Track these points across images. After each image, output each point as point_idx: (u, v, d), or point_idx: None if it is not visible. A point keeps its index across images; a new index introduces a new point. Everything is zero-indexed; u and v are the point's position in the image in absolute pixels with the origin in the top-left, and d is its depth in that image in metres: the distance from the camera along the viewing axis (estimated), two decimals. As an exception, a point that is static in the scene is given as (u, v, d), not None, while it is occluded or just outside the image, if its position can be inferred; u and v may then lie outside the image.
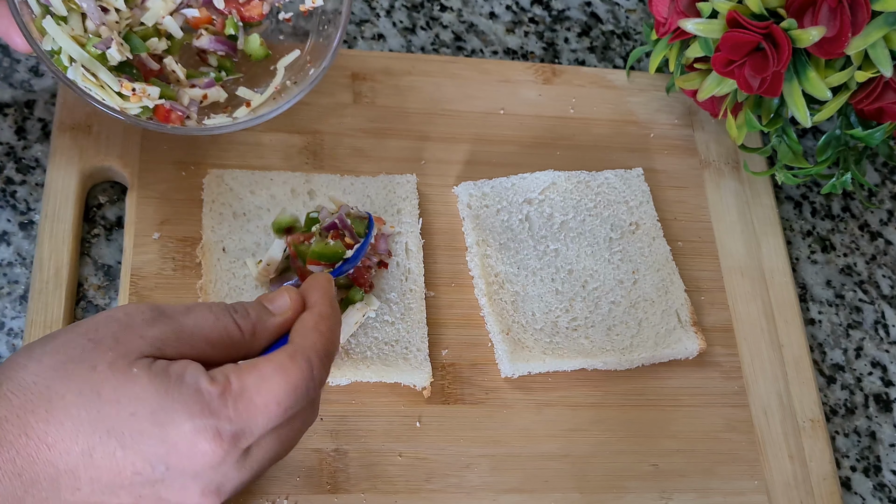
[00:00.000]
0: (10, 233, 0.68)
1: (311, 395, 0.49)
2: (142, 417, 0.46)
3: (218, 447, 0.46)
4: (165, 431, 0.46)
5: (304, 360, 0.49)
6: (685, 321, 0.71)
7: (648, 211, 0.75)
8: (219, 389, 0.46)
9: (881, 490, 0.73)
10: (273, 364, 0.48)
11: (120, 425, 0.45)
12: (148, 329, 0.48)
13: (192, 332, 0.49)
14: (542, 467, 0.66)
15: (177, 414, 0.46)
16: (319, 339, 0.50)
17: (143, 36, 0.66)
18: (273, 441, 0.49)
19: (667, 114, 0.83)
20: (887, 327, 0.80)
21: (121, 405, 0.46)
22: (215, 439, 0.46)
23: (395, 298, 0.68)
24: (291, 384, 0.48)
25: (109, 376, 0.46)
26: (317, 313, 0.52)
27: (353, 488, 0.62)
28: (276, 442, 0.50)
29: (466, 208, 0.73)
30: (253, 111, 0.68)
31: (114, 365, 0.46)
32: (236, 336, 0.50)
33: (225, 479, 0.48)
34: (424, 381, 0.65)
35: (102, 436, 0.45)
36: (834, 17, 0.65)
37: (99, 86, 0.63)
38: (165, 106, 0.65)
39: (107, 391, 0.46)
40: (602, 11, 0.90)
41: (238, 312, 0.51)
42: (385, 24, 0.84)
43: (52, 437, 0.45)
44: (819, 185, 0.85)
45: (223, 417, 0.46)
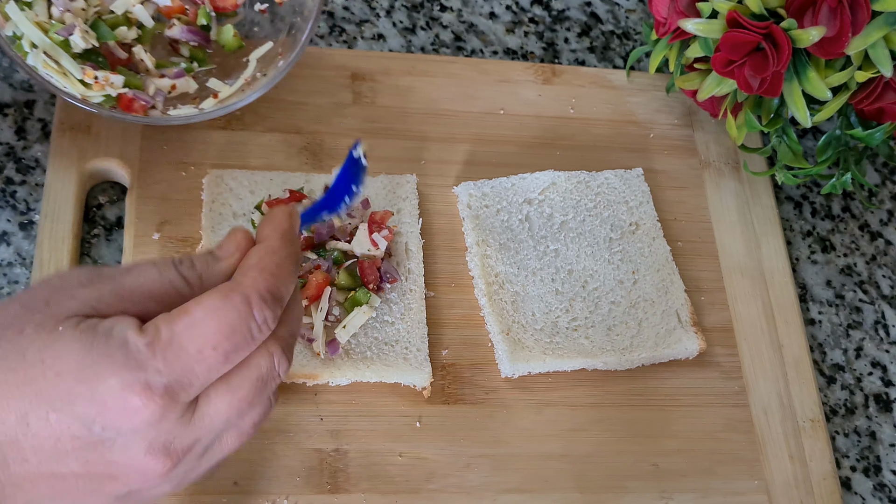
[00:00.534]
0: (10, 233, 0.68)
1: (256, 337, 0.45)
2: (68, 377, 0.43)
3: (150, 401, 0.43)
4: (93, 389, 0.43)
5: (240, 297, 0.44)
6: (685, 321, 0.71)
7: (648, 211, 0.75)
8: (146, 339, 0.43)
9: (881, 490, 0.73)
10: (203, 306, 0.44)
11: (47, 388, 0.43)
12: (81, 290, 0.45)
13: (133, 290, 0.45)
14: (542, 467, 0.66)
15: (101, 369, 0.43)
16: (261, 275, 0.45)
17: (112, 24, 0.66)
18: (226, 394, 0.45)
19: (667, 114, 0.83)
20: (887, 327, 0.80)
21: (45, 365, 0.43)
22: (145, 393, 0.43)
23: (395, 298, 0.68)
24: (227, 325, 0.44)
25: (35, 338, 0.43)
26: (262, 248, 0.47)
27: (353, 488, 0.62)
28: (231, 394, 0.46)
29: (466, 208, 0.73)
30: (220, 102, 0.68)
31: (40, 326, 0.43)
32: (182, 288, 0.46)
33: (171, 436, 0.44)
34: (424, 381, 0.65)
35: (32, 400, 0.43)
36: (834, 17, 0.65)
37: (61, 73, 0.62)
38: (129, 95, 0.65)
39: (31, 352, 0.43)
40: (602, 11, 0.90)
41: (183, 264, 0.47)
42: (385, 24, 0.84)
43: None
44: (819, 185, 0.85)
45: (151, 369, 0.43)
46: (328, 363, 0.64)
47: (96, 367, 0.43)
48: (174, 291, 0.46)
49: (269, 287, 0.45)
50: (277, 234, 0.48)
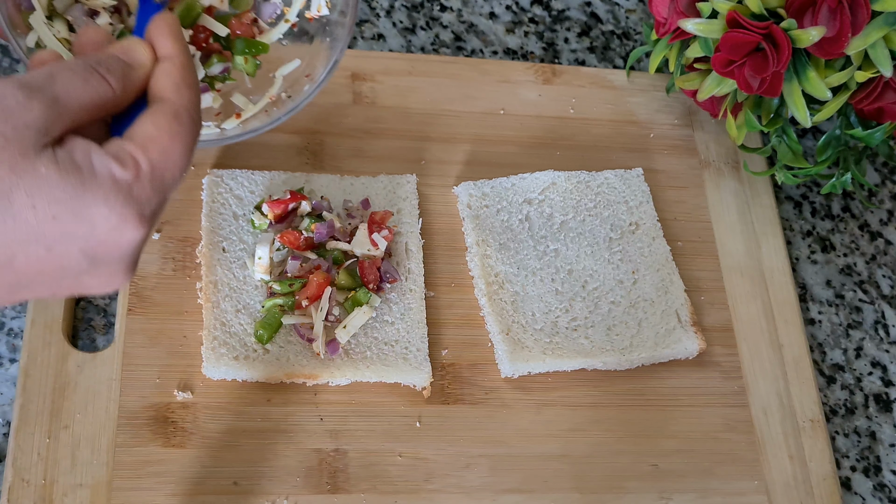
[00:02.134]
0: (11, 233, 0.68)
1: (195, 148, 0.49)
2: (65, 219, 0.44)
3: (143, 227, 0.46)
4: (93, 227, 0.44)
5: (188, 117, 0.48)
6: (685, 321, 0.71)
7: (648, 211, 0.75)
8: (132, 173, 0.45)
9: (881, 490, 0.73)
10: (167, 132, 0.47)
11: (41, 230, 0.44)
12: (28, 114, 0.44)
13: (68, 102, 0.46)
14: (541, 467, 0.66)
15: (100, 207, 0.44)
16: (190, 92, 0.49)
17: None
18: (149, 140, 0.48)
19: (667, 114, 0.83)
20: (887, 327, 0.80)
21: (37, 209, 0.43)
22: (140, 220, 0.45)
23: (395, 298, 0.68)
24: (187, 147, 0.48)
25: (16, 180, 0.43)
26: (179, 64, 0.50)
27: (353, 488, 0.62)
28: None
29: (466, 208, 0.73)
30: (242, 124, 0.66)
31: (16, 168, 0.43)
32: (108, 95, 0.48)
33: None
34: (424, 381, 0.65)
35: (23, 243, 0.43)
36: (834, 17, 0.65)
37: None
38: None
39: (18, 196, 0.43)
40: (602, 11, 0.90)
41: (103, 66, 0.48)
42: (385, 24, 0.84)
43: None
44: (819, 185, 0.85)
45: (144, 200, 0.46)
46: (328, 363, 0.64)
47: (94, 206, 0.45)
48: (100, 99, 0.48)
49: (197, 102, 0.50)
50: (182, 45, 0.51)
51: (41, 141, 0.44)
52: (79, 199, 0.44)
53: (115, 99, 0.48)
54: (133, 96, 0.50)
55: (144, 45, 0.50)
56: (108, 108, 0.48)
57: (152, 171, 0.46)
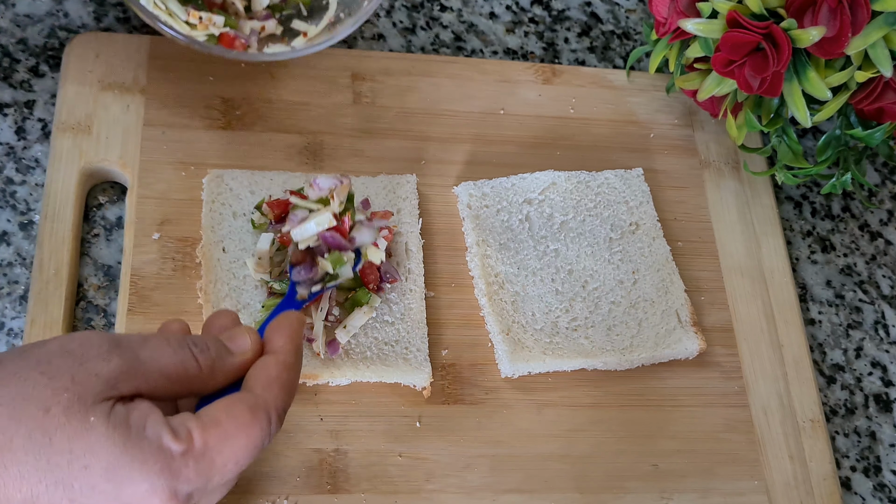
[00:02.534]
0: (10, 233, 0.68)
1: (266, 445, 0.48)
2: (95, 472, 0.43)
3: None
4: (120, 489, 0.43)
5: (266, 416, 0.47)
6: (685, 321, 0.71)
7: (648, 211, 0.75)
8: (182, 448, 0.44)
9: (881, 490, 0.73)
10: (236, 421, 0.46)
11: (70, 477, 0.43)
12: (104, 365, 0.45)
13: (149, 366, 0.46)
14: (542, 467, 0.66)
15: (134, 472, 0.43)
16: (281, 393, 0.48)
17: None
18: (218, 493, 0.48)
19: (667, 114, 0.83)
20: (887, 327, 0.80)
21: (73, 456, 0.43)
22: (171, 500, 0.44)
23: (395, 298, 0.68)
24: (252, 444, 0.46)
25: (64, 422, 0.43)
26: (281, 361, 0.50)
27: (353, 488, 0.62)
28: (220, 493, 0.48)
29: (466, 208, 0.73)
30: (310, 41, 0.72)
31: (69, 410, 0.43)
32: (193, 371, 0.48)
33: None
34: (424, 382, 0.65)
35: (50, 486, 0.43)
36: (834, 17, 0.65)
37: (167, 13, 0.68)
38: (230, 34, 0.70)
39: (59, 439, 0.43)
40: (602, 11, 0.90)
41: (197, 346, 0.48)
42: (385, 24, 0.84)
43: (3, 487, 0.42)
44: (819, 185, 0.85)
45: (182, 479, 0.44)
46: (328, 363, 0.64)
47: (129, 468, 0.43)
48: (184, 372, 0.48)
49: (286, 404, 0.49)
50: (292, 347, 0.51)
51: (105, 393, 0.44)
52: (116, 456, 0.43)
53: (201, 377, 0.48)
54: (223, 380, 0.49)
55: (251, 336, 0.50)
56: (194, 384, 0.48)
57: (204, 454, 0.45)
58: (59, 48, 0.75)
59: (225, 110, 0.73)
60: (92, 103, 0.71)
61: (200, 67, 0.74)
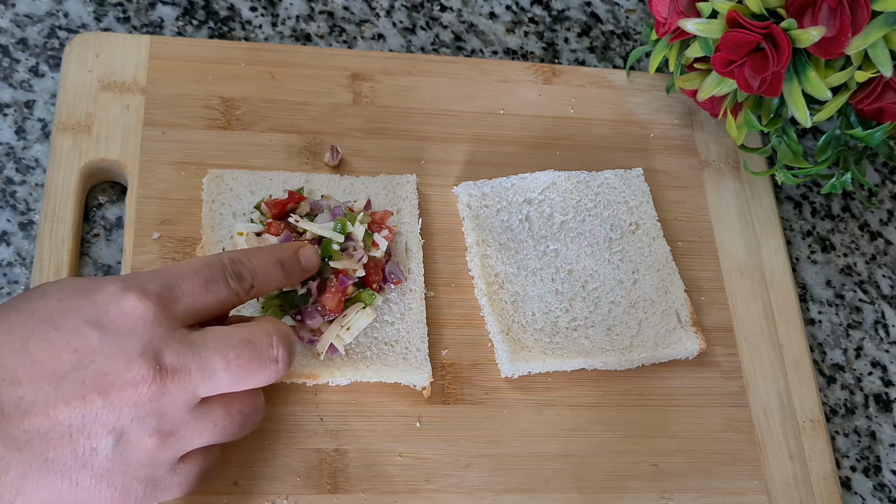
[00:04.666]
0: (10, 233, 0.68)
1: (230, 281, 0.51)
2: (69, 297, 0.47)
3: (145, 300, 0.47)
4: (93, 298, 0.47)
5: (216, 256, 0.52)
6: (685, 321, 0.71)
7: (648, 211, 0.75)
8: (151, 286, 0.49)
9: (881, 490, 0.73)
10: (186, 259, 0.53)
11: (50, 311, 0.46)
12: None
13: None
14: (542, 467, 0.66)
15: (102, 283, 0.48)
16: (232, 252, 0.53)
17: None
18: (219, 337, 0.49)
19: (667, 114, 0.83)
20: (887, 327, 0.80)
21: (47, 297, 0.47)
22: (140, 292, 0.47)
23: (395, 298, 0.68)
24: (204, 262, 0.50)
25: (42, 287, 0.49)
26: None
27: (353, 488, 0.62)
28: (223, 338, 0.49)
29: (466, 208, 0.73)
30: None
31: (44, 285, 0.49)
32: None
33: (163, 344, 0.47)
34: (424, 381, 0.65)
35: (35, 325, 0.46)
36: (834, 17, 0.65)
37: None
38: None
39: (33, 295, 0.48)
40: (602, 11, 0.90)
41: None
42: (385, 24, 0.84)
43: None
44: (819, 185, 0.85)
45: (143, 277, 0.48)
46: (328, 363, 0.64)
47: (94, 282, 0.48)
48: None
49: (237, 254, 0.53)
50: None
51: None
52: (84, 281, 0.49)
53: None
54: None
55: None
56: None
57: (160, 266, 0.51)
58: (59, 48, 0.75)
59: (225, 110, 0.73)
60: (92, 103, 0.71)
61: (200, 67, 0.74)
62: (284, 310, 0.64)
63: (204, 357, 0.48)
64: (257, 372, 0.50)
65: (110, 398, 0.45)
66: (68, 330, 0.46)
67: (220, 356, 0.48)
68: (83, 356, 0.45)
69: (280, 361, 0.51)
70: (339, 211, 0.66)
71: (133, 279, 0.48)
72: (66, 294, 0.48)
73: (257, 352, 0.50)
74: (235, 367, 0.49)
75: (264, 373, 0.50)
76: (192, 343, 0.48)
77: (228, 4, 0.81)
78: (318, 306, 0.64)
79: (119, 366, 0.46)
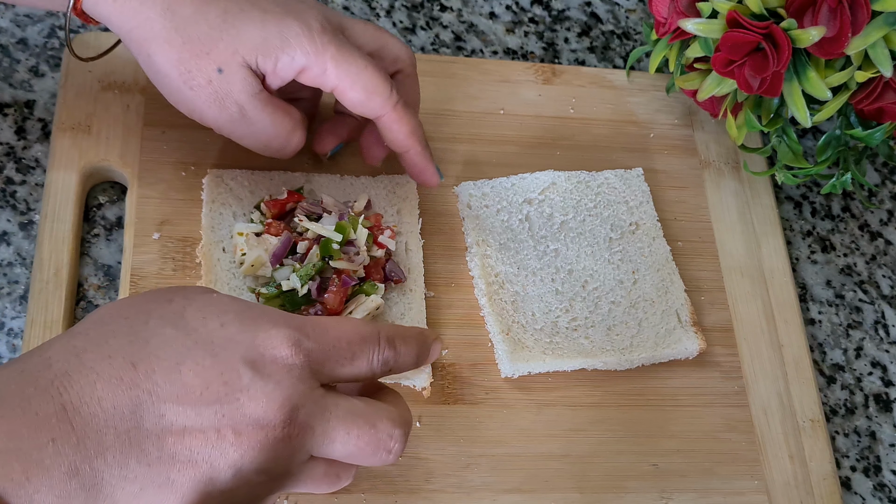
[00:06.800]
0: (10, 233, 0.68)
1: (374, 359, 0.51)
2: (230, 325, 0.47)
3: (297, 355, 0.47)
4: (254, 335, 0.47)
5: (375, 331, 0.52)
6: (685, 321, 0.71)
7: (648, 211, 0.75)
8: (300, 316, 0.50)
9: (881, 490, 0.73)
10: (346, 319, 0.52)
11: (208, 335, 0.46)
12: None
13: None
14: (542, 467, 0.66)
15: (263, 321, 0.48)
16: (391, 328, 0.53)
17: None
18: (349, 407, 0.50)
19: (667, 114, 0.83)
20: (887, 327, 0.80)
21: (208, 320, 0.47)
22: (295, 346, 0.47)
23: (395, 298, 0.68)
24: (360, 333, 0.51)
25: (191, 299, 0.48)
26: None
27: (353, 488, 0.62)
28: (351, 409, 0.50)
29: (466, 208, 0.73)
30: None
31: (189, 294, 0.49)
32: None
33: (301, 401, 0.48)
34: (424, 382, 0.65)
35: (191, 348, 0.46)
36: (834, 17, 0.65)
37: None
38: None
39: (191, 311, 0.47)
40: (602, 11, 0.90)
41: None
42: (385, 24, 0.84)
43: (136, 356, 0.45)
44: (819, 185, 0.85)
45: (303, 332, 0.48)
46: (328, 363, 0.64)
47: (258, 319, 0.48)
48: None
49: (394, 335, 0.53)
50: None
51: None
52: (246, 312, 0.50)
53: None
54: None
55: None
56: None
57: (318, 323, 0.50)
58: (59, 48, 0.75)
59: (225, 110, 0.73)
60: (92, 103, 0.71)
61: (200, 67, 0.74)
62: (286, 310, 0.64)
63: (331, 425, 0.49)
64: (370, 455, 0.51)
65: (241, 437, 0.46)
66: (224, 361, 0.46)
67: (344, 429, 0.49)
68: (231, 391, 0.46)
69: (393, 453, 0.52)
70: (345, 215, 0.67)
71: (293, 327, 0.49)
72: (229, 320, 0.48)
73: (377, 438, 0.51)
74: (353, 445, 0.50)
75: (375, 458, 0.51)
76: (325, 406, 0.49)
77: (228, 4, 0.81)
78: (318, 307, 0.64)
79: (259, 410, 0.46)
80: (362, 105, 0.63)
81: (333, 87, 0.62)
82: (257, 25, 0.59)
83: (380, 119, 0.64)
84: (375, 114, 0.64)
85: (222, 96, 0.60)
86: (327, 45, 0.60)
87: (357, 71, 0.61)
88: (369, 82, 0.62)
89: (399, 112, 0.64)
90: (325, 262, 0.64)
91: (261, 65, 0.60)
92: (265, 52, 0.60)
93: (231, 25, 0.59)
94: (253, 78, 0.60)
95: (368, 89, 0.62)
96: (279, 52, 0.60)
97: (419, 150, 0.66)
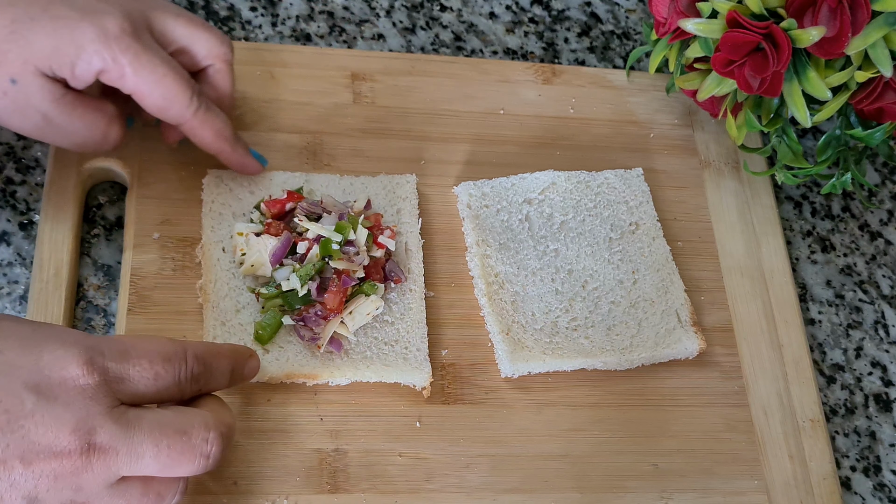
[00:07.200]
0: (10, 233, 0.68)
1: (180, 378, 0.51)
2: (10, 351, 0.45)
3: (88, 373, 0.45)
4: (37, 358, 0.45)
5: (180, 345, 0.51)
6: (685, 321, 0.71)
7: (648, 211, 0.75)
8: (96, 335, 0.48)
9: (881, 490, 0.73)
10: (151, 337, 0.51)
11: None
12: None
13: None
14: (542, 467, 0.66)
15: (49, 342, 0.46)
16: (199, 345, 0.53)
17: None
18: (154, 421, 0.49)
19: (667, 114, 0.83)
20: (887, 327, 0.80)
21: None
22: (87, 365, 0.46)
23: (395, 298, 0.68)
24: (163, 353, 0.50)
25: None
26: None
27: (353, 488, 0.62)
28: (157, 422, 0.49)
29: (466, 208, 0.73)
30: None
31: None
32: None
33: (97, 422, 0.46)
34: (424, 381, 0.65)
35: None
36: (834, 17, 0.65)
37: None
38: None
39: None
40: (602, 11, 0.90)
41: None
42: (385, 24, 0.84)
43: None
44: (819, 185, 0.85)
45: (96, 350, 0.46)
46: (328, 363, 0.64)
47: (43, 339, 0.46)
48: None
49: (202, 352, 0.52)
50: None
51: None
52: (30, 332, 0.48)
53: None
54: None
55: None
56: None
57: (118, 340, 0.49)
58: (59, 48, 0.75)
59: (225, 110, 0.73)
60: (92, 103, 0.71)
61: (200, 67, 0.74)
62: (284, 310, 0.64)
63: (136, 441, 0.47)
64: (186, 464, 0.49)
65: (31, 467, 0.45)
66: (2, 389, 0.44)
67: (152, 443, 0.48)
68: (13, 419, 0.44)
69: (211, 457, 0.50)
70: (345, 215, 0.67)
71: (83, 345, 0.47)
72: (8, 345, 0.46)
73: (190, 445, 0.49)
74: (165, 456, 0.48)
75: (192, 466, 0.50)
76: (127, 423, 0.47)
77: (228, 4, 0.81)
78: (318, 307, 0.64)
79: (48, 436, 0.45)
80: (161, 113, 0.61)
81: (132, 92, 0.60)
82: (48, 33, 0.56)
83: (181, 126, 0.63)
84: (176, 121, 0.62)
85: (22, 106, 0.57)
86: (125, 50, 0.58)
87: (156, 79, 0.59)
88: (168, 91, 0.60)
89: (200, 118, 0.62)
90: (324, 262, 0.64)
91: (57, 71, 0.57)
92: (58, 60, 0.57)
93: (20, 35, 0.56)
94: (52, 84, 0.57)
95: (167, 97, 0.60)
96: (74, 59, 0.57)
97: (228, 150, 0.66)
